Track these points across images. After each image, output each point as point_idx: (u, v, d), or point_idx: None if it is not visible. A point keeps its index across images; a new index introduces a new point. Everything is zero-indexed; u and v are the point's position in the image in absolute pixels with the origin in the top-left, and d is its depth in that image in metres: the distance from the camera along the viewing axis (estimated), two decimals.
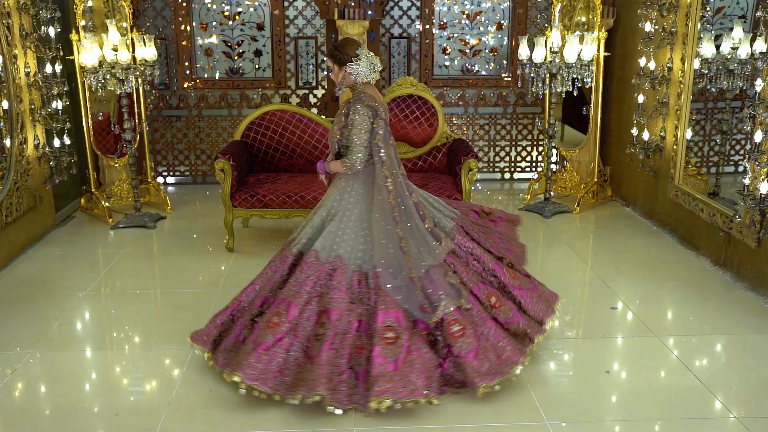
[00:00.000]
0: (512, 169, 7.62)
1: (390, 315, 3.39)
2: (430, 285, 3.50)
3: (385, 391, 3.13)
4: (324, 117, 6.11)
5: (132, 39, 5.84)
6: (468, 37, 7.32)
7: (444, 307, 3.43)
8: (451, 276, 3.58)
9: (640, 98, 5.93)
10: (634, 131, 6.01)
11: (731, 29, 5.01)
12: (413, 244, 3.57)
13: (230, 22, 7.16)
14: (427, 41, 7.22)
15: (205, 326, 3.68)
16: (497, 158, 7.57)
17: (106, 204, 6.16)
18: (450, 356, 3.39)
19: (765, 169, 4.25)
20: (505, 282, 3.74)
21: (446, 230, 3.80)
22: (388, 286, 3.47)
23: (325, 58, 7.14)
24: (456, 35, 7.31)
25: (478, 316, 3.52)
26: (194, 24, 7.12)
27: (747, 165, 4.40)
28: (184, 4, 7.00)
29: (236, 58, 7.25)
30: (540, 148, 7.51)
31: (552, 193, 6.70)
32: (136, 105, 6.37)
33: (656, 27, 5.69)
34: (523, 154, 7.58)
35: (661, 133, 5.73)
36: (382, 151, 3.59)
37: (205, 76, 7.26)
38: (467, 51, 7.35)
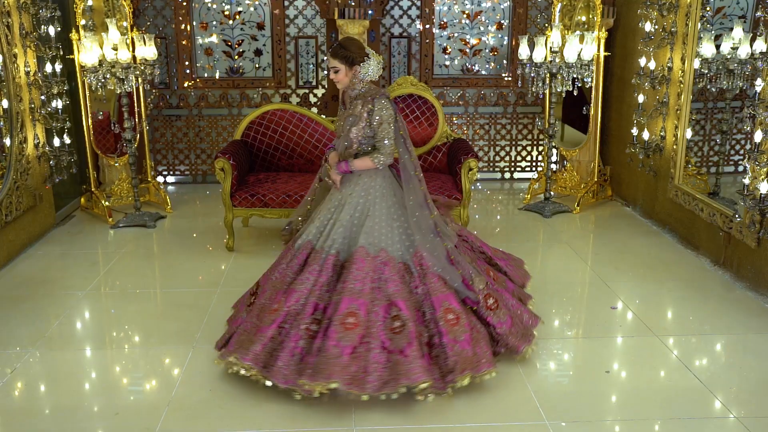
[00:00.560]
0: (512, 169, 7.62)
1: (445, 299, 3.51)
2: (461, 265, 3.67)
3: (465, 369, 3.30)
4: (324, 116, 6.11)
5: (132, 38, 5.84)
6: (468, 36, 7.32)
7: (479, 282, 3.65)
8: (464, 256, 3.83)
9: (640, 98, 5.93)
10: (634, 131, 6.01)
11: (731, 29, 5.01)
12: (443, 227, 3.77)
13: (230, 22, 7.16)
14: (427, 41, 7.22)
15: (250, 345, 3.38)
16: (497, 158, 7.57)
17: (106, 203, 6.16)
18: (491, 327, 3.62)
19: (765, 169, 4.25)
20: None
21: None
22: (435, 269, 3.59)
23: (325, 58, 7.14)
24: (456, 35, 7.31)
25: (496, 290, 3.80)
26: (194, 23, 7.12)
27: (747, 165, 4.40)
28: (185, 4, 7.00)
29: (236, 57, 7.25)
30: (540, 148, 7.51)
31: (552, 193, 6.70)
32: (136, 104, 6.36)
33: (656, 27, 5.69)
34: (523, 153, 7.57)
35: (661, 133, 5.73)
36: (408, 142, 3.72)
37: (206, 75, 7.26)
38: (467, 50, 7.35)
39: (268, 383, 3.28)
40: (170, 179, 7.48)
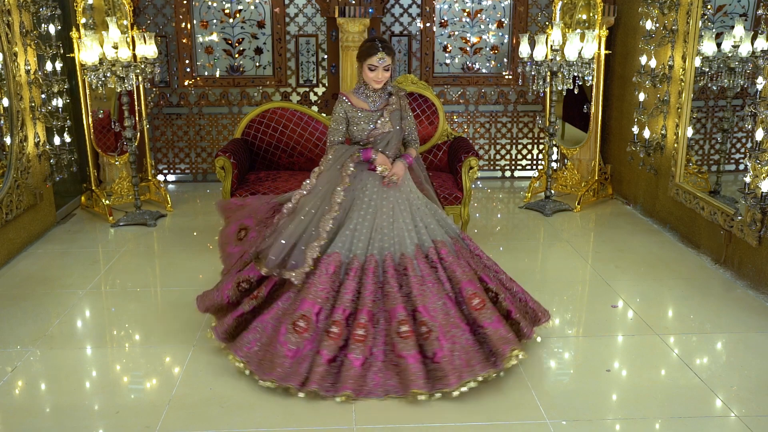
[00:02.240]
0: (513, 167, 7.61)
1: (469, 285, 3.58)
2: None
3: (508, 349, 3.40)
4: (324, 115, 6.10)
5: (132, 36, 5.83)
6: (469, 34, 7.31)
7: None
8: None
9: (641, 96, 5.93)
10: (635, 129, 6.00)
11: (732, 27, 5.01)
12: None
13: (231, 20, 7.15)
14: (427, 39, 7.21)
15: (308, 365, 3.35)
16: (498, 156, 7.56)
17: (107, 202, 6.16)
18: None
19: (766, 168, 4.24)
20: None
21: None
22: (450, 258, 3.68)
23: (326, 56, 7.14)
24: (457, 33, 7.30)
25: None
26: (195, 22, 7.11)
27: (748, 163, 4.39)
28: (185, 2, 6.99)
29: (237, 55, 7.24)
30: (541, 146, 7.50)
31: (553, 192, 6.69)
32: (136, 103, 6.36)
33: (657, 25, 5.69)
34: (524, 152, 7.57)
35: (662, 131, 5.72)
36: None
37: (206, 73, 7.25)
38: (468, 49, 7.34)
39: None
40: (171, 177, 7.48)
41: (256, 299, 3.64)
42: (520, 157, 7.58)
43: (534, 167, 7.58)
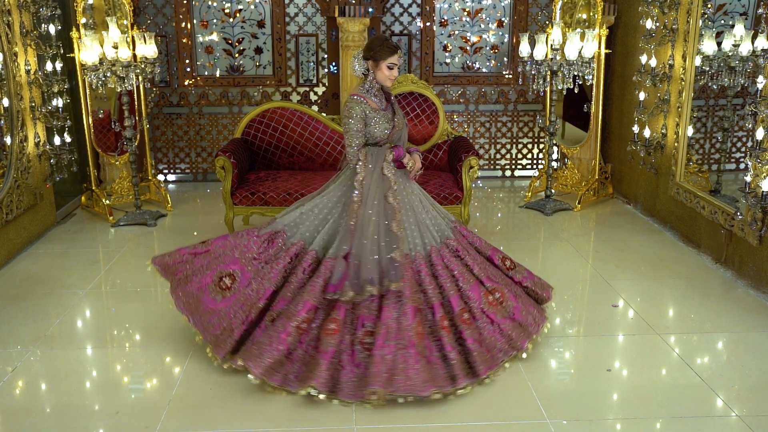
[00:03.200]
0: (513, 167, 7.61)
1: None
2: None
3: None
4: (325, 114, 6.10)
5: (132, 36, 5.83)
6: (469, 34, 7.31)
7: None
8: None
9: (641, 95, 5.92)
10: (635, 128, 6.00)
11: (733, 26, 5.00)
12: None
13: (231, 20, 7.15)
14: (427, 38, 7.21)
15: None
16: (498, 156, 7.56)
17: (107, 201, 6.15)
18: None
19: (766, 167, 4.24)
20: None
21: None
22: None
23: (326, 56, 7.13)
24: (457, 32, 7.30)
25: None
26: (195, 21, 7.11)
27: (748, 162, 4.39)
28: (185, 2, 6.99)
29: (237, 55, 7.24)
30: (541, 146, 7.50)
31: (553, 191, 6.69)
32: (136, 102, 6.36)
33: (657, 24, 5.68)
34: (524, 151, 7.56)
35: (663, 131, 5.72)
36: None
37: (206, 73, 7.25)
38: (468, 48, 7.34)
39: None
40: (171, 177, 7.48)
41: (337, 332, 3.40)
42: (520, 156, 7.58)
43: (534, 167, 7.58)
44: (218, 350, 3.48)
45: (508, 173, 7.62)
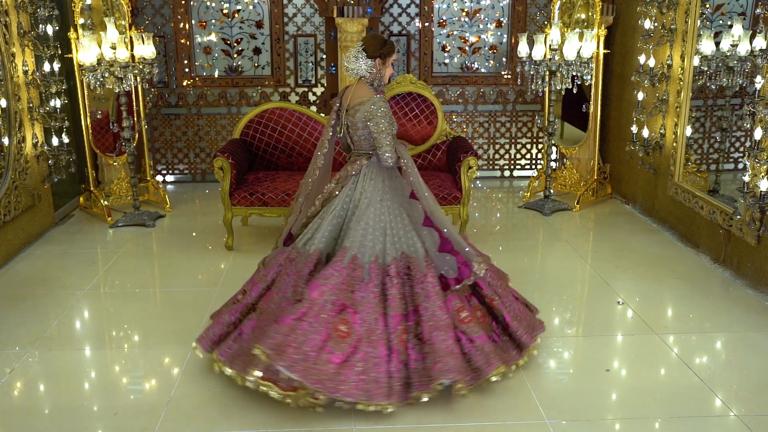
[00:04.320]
0: (512, 167, 7.61)
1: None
2: None
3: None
4: (323, 115, 6.09)
5: (131, 37, 5.82)
6: (467, 34, 7.31)
7: None
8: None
9: (640, 95, 5.92)
10: (634, 128, 6.00)
11: (731, 26, 5.00)
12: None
13: (229, 20, 7.15)
14: (426, 39, 7.21)
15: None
16: (497, 156, 7.56)
17: (105, 202, 6.15)
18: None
19: (765, 167, 4.24)
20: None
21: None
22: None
23: (324, 56, 7.13)
24: (455, 33, 7.30)
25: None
26: (193, 22, 7.11)
27: (747, 162, 4.39)
28: (183, 2, 6.98)
29: (235, 56, 7.24)
30: (540, 146, 7.50)
31: (552, 191, 6.69)
32: (134, 103, 6.35)
33: (656, 24, 5.68)
34: (523, 151, 7.56)
35: (661, 131, 5.72)
36: None
37: (204, 74, 7.24)
38: (467, 48, 7.34)
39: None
40: (169, 178, 7.47)
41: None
42: (519, 156, 7.58)
43: (533, 167, 7.58)
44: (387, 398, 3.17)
45: (506, 173, 7.62)
